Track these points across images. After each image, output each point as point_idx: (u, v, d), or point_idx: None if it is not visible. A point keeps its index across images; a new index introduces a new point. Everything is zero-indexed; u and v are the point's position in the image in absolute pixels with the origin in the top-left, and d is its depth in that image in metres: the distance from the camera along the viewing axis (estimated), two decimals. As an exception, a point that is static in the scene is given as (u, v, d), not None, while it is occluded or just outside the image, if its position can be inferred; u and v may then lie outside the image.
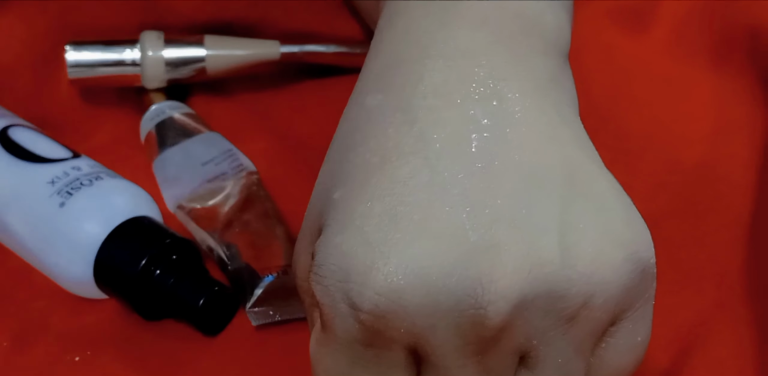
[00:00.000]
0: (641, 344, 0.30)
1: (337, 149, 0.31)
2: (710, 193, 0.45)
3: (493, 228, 0.27)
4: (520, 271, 0.27)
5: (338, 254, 0.28)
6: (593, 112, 0.46)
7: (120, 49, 0.49)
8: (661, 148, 0.47)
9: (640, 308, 0.29)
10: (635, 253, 0.28)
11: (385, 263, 0.27)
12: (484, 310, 0.26)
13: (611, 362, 0.30)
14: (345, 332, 0.28)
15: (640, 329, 0.30)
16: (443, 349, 0.27)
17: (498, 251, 0.27)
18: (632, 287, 0.29)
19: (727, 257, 0.42)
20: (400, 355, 0.28)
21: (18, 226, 0.42)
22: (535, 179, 0.28)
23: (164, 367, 0.40)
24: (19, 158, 0.44)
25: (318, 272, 0.28)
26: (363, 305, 0.27)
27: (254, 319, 0.41)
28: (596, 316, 0.28)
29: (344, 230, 0.28)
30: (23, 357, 0.41)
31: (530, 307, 0.27)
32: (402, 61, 0.30)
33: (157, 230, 0.42)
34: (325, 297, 0.28)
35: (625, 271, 0.28)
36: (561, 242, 0.27)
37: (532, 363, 0.29)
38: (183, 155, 0.46)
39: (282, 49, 0.50)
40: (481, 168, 0.28)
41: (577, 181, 0.29)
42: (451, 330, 0.27)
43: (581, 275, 0.27)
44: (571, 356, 0.29)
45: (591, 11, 0.51)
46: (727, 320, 0.40)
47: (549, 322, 0.28)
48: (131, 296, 0.41)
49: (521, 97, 0.29)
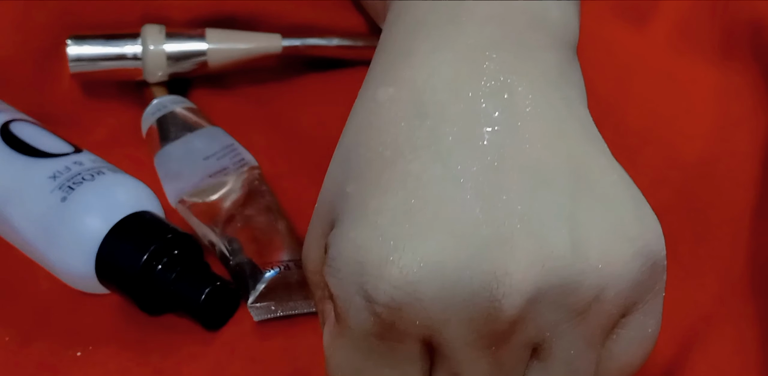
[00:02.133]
0: (651, 336, 0.30)
1: (348, 142, 0.30)
2: (711, 188, 0.45)
3: (507, 222, 0.27)
4: (533, 265, 0.27)
5: (353, 248, 0.28)
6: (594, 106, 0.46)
7: (121, 42, 0.48)
8: (662, 143, 0.47)
9: (651, 301, 0.30)
10: (645, 246, 0.29)
11: (400, 257, 0.27)
12: (499, 303, 0.27)
13: (621, 353, 0.30)
14: (359, 325, 0.28)
15: (650, 322, 0.30)
16: (457, 342, 0.27)
17: (512, 245, 0.27)
18: (643, 281, 0.29)
19: (729, 252, 0.42)
20: (414, 348, 0.28)
21: (19, 221, 0.42)
22: (545, 174, 0.28)
23: (165, 361, 0.40)
24: (20, 153, 0.43)
25: (332, 265, 0.28)
26: (378, 297, 0.27)
27: (256, 314, 0.41)
28: (607, 309, 0.28)
29: (358, 223, 0.28)
30: (24, 352, 0.41)
31: (543, 300, 0.27)
32: (412, 54, 0.30)
33: (159, 224, 0.42)
34: (340, 290, 0.28)
35: (636, 264, 0.28)
36: (572, 236, 0.27)
37: (543, 356, 0.29)
38: (185, 150, 0.46)
39: (284, 43, 0.50)
40: (492, 162, 0.28)
41: (587, 175, 0.29)
42: (465, 323, 0.27)
43: (593, 269, 0.27)
44: (582, 349, 0.29)
45: (593, 6, 0.51)
46: (729, 315, 0.40)
47: (561, 315, 0.28)
48: (133, 291, 0.41)
49: (531, 91, 0.29)
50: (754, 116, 0.46)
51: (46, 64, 0.50)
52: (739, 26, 0.48)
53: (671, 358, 0.39)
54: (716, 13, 0.50)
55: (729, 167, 0.45)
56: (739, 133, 0.46)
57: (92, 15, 0.50)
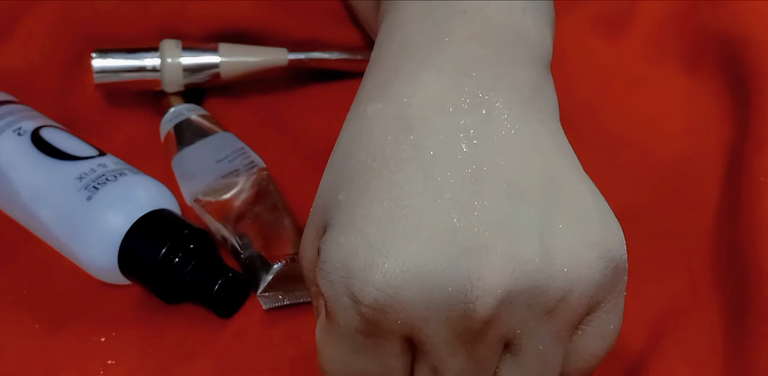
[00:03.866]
0: (613, 331, 0.30)
1: (340, 153, 0.30)
2: (683, 186, 0.45)
3: (481, 230, 0.27)
4: (505, 269, 0.27)
5: (342, 253, 0.28)
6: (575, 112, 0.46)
7: (141, 56, 0.49)
8: (637, 145, 0.47)
9: (613, 300, 0.30)
10: (608, 251, 0.29)
11: (384, 262, 0.27)
12: (473, 304, 0.27)
13: (586, 347, 0.30)
14: (347, 323, 0.28)
15: (612, 319, 0.30)
16: (435, 339, 0.28)
17: (485, 251, 0.27)
18: (605, 282, 0.29)
19: (698, 245, 0.42)
20: (397, 344, 0.28)
21: (49, 218, 0.43)
22: (518, 184, 0.28)
23: (182, 346, 0.40)
24: (49, 156, 0.44)
25: (323, 268, 0.28)
26: (364, 299, 0.27)
27: (264, 303, 0.41)
28: (573, 308, 0.28)
29: (347, 230, 0.28)
30: (53, 338, 0.41)
31: (514, 301, 0.27)
32: (399, 72, 0.30)
33: (176, 221, 0.42)
34: (330, 291, 0.28)
35: (599, 268, 0.28)
36: (542, 242, 0.28)
37: (515, 350, 0.29)
38: (199, 153, 0.46)
39: (289, 56, 0.50)
40: (470, 174, 0.28)
41: (557, 185, 0.29)
42: (442, 322, 0.27)
43: (560, 273, 0.28)
44: (550, 344, 0.29)
45: (573, 19, 0.51)
46: (698, 303, 0.40)
47: (531, 314, 0.28)
48: (152, 282, 0.41)
49: (507, 107, 0.29)
50: (720, 121, 0.46)
51: (73, 76, 0.50)
52: (706, 40, 0.48)
53: (644, 343, 0.39)
54: (686, 26, 0.50)
55: (698, 167, 0.45)
56: (707, 136, 0.46)
57: (115, 31, 0.50)
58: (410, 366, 0.29)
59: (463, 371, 0.29)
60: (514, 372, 0.29)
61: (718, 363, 0.37)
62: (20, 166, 0.43)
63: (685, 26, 0.50)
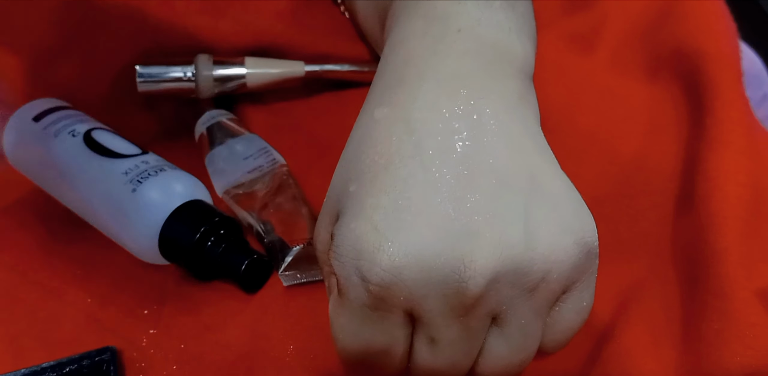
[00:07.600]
0: (587, 308, 0.31)
1: (351, 151, 0.30)
2: (643, 179, 0.44)
3: (473, 219, 0.27)
4: (493, 253, 0.27)
5: (353, 238, 0.28)
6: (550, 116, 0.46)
7: (178, 68, 0.49)
8: (604, 144, 0.47)
9: (586, 280, 0.30)
10: (582, 238, 0.29)
11: (389, 246, 0.27)
12: (466, 283, 0.27)
13: (563, 321, 0.30)
14: (356, 298, 0.28)
15: (585, 296, 0.30)
16: (433, 313, 0.28)
17: (477, 237, 0.27)
18: (580, 265, 0.29)
19: (657, 230, 0.42)
20: (400, 317, 0.29)
21: (99, 207, 0.42)
22: (505, 180, 0.28)
23: (214, 317, 0.40)
24: (100, 154, 0.43)
25: (336, 251, 0.28)
26: (371, 278, 0.27)
27: (285, 280, 0.41)
28: (552, 287, 0.29)
29: (357, 218, 0.28)
30: (103, 310, 0.41)
31: (501, 281, 0.28)
32: (403, 81, 0.30)
33: (209, 210, 0.42)
34: (342, 271, 0.28)
35: (575, 252, 0.29)
36: (525, 230, 0.28)
37: (501, 323, 0.29)
38: (228, 152, 0.46)
39: (306, 68, 0.50)
40: (463, 170, 0.28)
41: (538, 181, 0.29)
42: (439, 298, 0.27)
43: (541, 256, 0.28)
44: (531, 318, 0.29)
45: (550, 37, 0.51)
46: (657, 279, 0.40)
47: (515, 292, 0.28)
48: (188, 262, 0.41)
49: (496, 113, 0.29)
50: (677, 123, 0.46)
51: (119, 84, 0.50)
52: (665, 53, 0.48)
53: (612, 314, 0.39)
54: (647, 41, 0.49)
55: (657, 163, 0.44)
56: (665, 136, 0.46)
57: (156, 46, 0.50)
58: (410, 336, 0.30)
59: (456, 341, 0.29)
60: (500, 342, 0.29)
61: (676, 331, 0.37)
62: (75, 163, 0.43)
63: (647, 42, 0.50)
